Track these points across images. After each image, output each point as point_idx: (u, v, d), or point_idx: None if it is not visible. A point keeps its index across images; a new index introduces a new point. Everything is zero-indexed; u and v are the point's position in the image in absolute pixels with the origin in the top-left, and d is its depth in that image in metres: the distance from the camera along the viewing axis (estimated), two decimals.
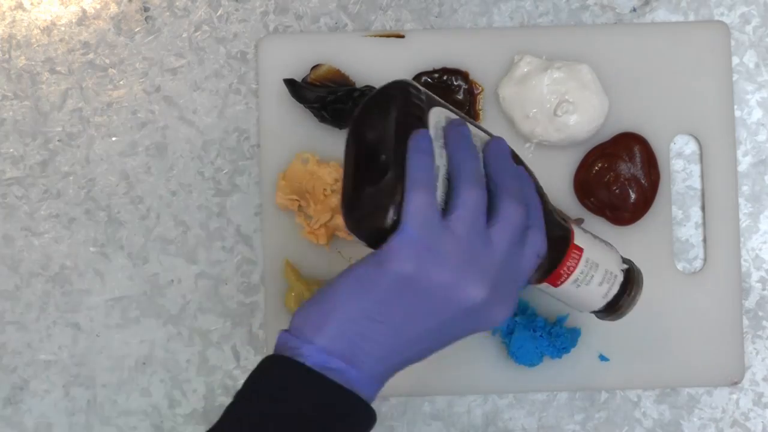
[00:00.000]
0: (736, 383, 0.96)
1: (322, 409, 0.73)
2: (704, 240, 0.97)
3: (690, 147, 0.98)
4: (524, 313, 0.95)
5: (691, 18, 0.98)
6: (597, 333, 0.96)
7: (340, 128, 0.96)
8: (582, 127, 0.95)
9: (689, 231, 0.98)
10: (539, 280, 0.81)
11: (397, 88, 0.77)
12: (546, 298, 0.96)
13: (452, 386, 0.96)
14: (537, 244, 0.77)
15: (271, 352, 0.98)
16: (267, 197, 0.97)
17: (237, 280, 0.98)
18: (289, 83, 0.96)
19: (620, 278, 0.84)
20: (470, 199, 0.74)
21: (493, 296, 0.74)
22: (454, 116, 0.79)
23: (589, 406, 0.97)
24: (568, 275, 0.81)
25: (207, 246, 0.98)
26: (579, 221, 0.96)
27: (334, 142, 0.97)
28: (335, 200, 0.95)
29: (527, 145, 0.96)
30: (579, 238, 0.82)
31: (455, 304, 0.74)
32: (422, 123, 0.76)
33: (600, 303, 0.83)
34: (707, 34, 0.97)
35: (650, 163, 0.96)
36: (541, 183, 0.96)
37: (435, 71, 0.96)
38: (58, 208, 0.98)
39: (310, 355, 0.74)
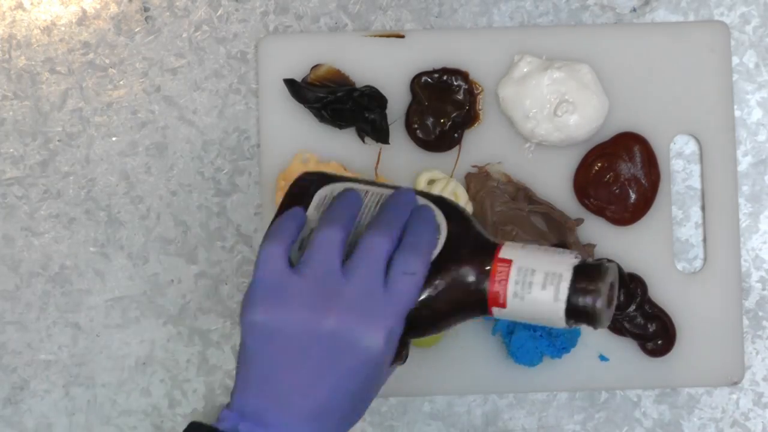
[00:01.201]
0: (736, 383, 0.96)
1: None
2: (704, 240, 0.97)
3: (690, 147, 0.98)
4: None
5: (691, 18, 0.98)
6: (597, 333, 0.96)
7: (340, 128, 0.96)
8: (582, 127, 0.95)
9: (689, 231, 0.98)
10: (485, 310, 0.77)
11: (295, 182, 0.80)
12: None
13: (452, 386, 0.96)
14: (403, 264, 0.75)
15: None
16: (267, 197, 0.97)
17: (237, 280, 0.98)
18: (289, 83, 0.96)
19: (567, 275, 0.75)
20: (319, 237, 0.75)
21: (358, 322, 0.74)
22: (348, 186, 0.79)
23: (589, 406, 0.97)
24: (504, 290, 0.76)
25: (207, 246, 0.98)
26: (579, 221, 0.96)
27: (334, 142, 0.97)
28: None
29: (527, 145, 0.96)
30: (506, 251, 0.76)
31: (317, 336, 0.74)
32: (304, 203, 0.79)
33: (559, 309, 0.75)
34: (707, 34, 0.97)
35: (650, 163, 0.96)
36: (541, 183, 0.96)
37: (435, 71, 0.97)
38: (58, 208, 0.98)
39: (226, 420, 0.74)
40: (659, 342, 0.95)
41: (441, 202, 0.78)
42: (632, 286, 0.95)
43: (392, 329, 0.75)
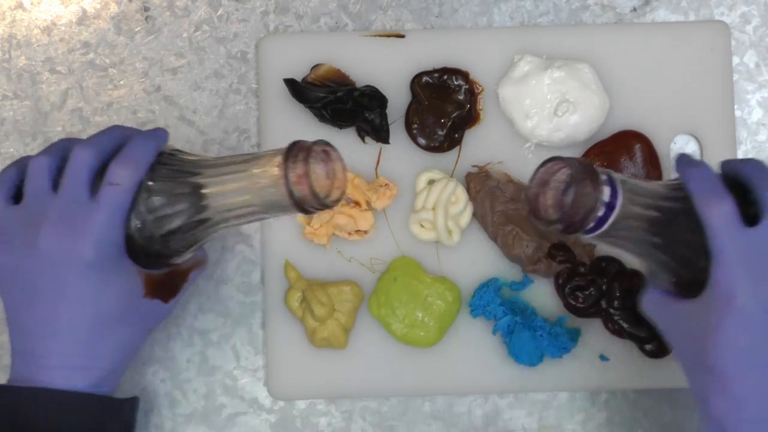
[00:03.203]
0: None
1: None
2: None
3: (690, 147, 0.98)
4: (524, 313, 0.95)
5: (692, 18, 0.98)
6: (597, 333, 0.96)
7: (341, 128, 0.96)
8: (582, 127, 0.95)
9: None
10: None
11: None
12: (546, 298, 0.96)
13: (452, 386, 0.96)
14: (110, 175, 0.79)
15: (270, 351, 0.98)
16: None
17: (237, 280, 0.98)
18: (289, 83, 0.96)
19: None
20: (71, 161, 0.80)
21: (63, 233, 0.77)
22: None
23: (589, 406, 0.97)
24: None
25: (207, 246, 0.98)
26: (591, 247, 0.95)
27: (334, 142, 0.96)
28: None
29: (527, 145, 0.96)
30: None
31: (35, 259, 0.77)
32: None
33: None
34: (707, 34, 0.97)
35: (652, 161, 0.96)
36: None
37: (435, 71, 0.97)
38: None
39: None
40: (658, 343, 0.95)
41: None
42: (635, 282, 0.95)
43: (100, 238, 0.77)
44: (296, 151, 0.78)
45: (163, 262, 0.82)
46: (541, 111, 0.95)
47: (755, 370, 0.74)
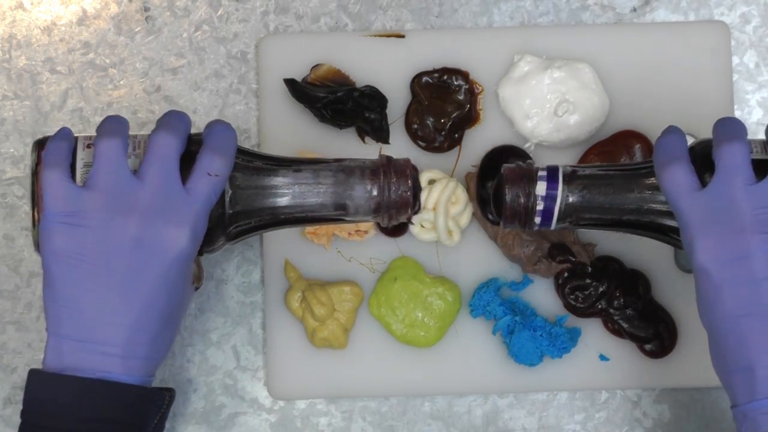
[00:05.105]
0: None
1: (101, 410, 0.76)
2: None
3: None
4: (524, 313, 0.95)
5: (691, 18, 0.98)
6: (597, 333, 0.96)
7: (341, 128, 0.96)
8: (582, 127, 0.95)
9: None
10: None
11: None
12: (546, 298, 0.96)
13: (452, 386, 0.96)
14: (207, 164, 0.78)
15: (270, 351, 0.98)
16: None
17: (237, 280, 0.98)
18: (289, 83, 0.96)
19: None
20: (151, 143, 0.78)
21: (159, 221, 0.76)
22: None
23: (589, 406, 0.97)
24: None
25: None
26: (591, 246, 0.95)
27: (334, 142, 0.97)
28: None
29: (527, 144, 0.96)
30: None
31: (121, 245, 0.76)
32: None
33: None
34: (707, 34, 0.97)
35: None
36: None
37: (435, 71, 0.97)
38: None
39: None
40: (658, 343, 0.95)
41: None
42: (635, 281, 0.95)
43: (197, 228, 0.77)
44: (401, 171, 0.81)
45: (203, 250, 0.82)
46: (541, 111, 0.95)
47: (727, 321, 0.77)
